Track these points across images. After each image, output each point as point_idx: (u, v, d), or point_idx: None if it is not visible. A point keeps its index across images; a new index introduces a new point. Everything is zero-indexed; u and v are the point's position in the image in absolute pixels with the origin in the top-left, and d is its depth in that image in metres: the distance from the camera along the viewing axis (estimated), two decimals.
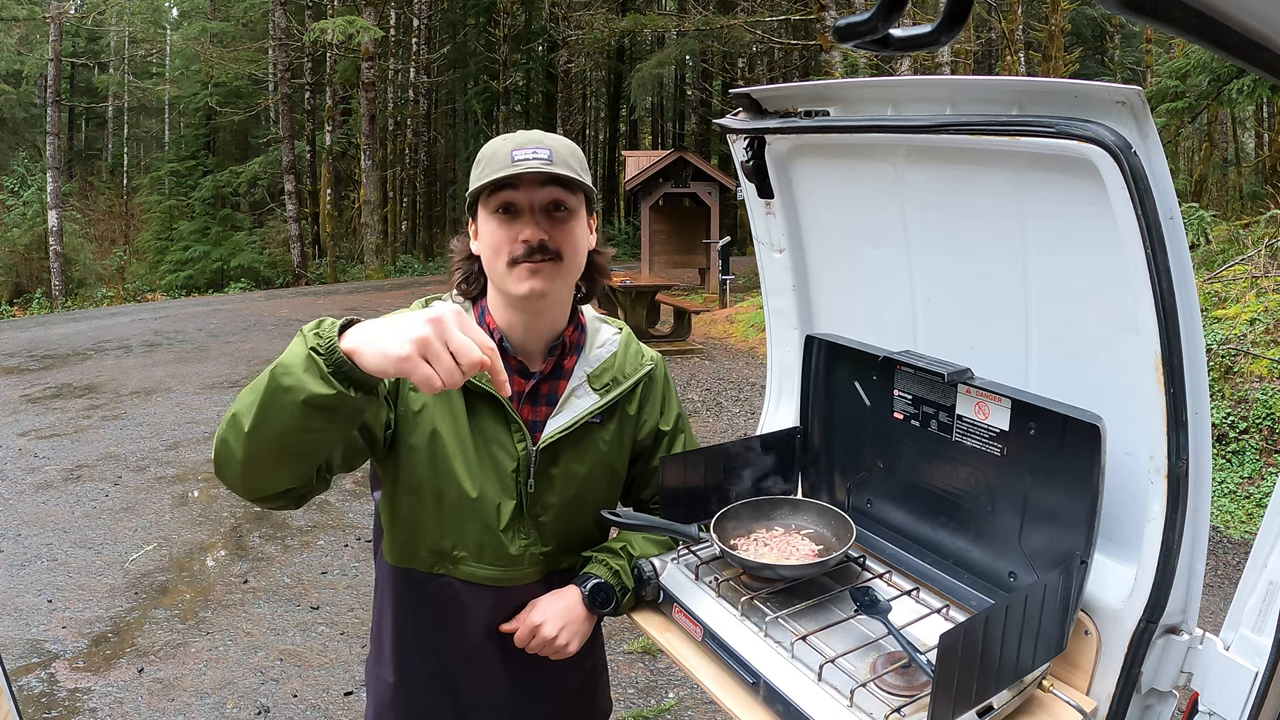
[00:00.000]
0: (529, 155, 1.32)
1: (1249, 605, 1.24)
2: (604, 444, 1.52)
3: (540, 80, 27.45)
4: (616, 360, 1.54)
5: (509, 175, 1.31)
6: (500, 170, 1.32)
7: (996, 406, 1.48)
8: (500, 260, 1.35)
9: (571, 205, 1.38)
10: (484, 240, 1.39)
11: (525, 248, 1.33)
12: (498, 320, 1.44)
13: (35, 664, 3.66)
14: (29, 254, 21.12)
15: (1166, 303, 1.18)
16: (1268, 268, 6.74)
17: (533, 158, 1.32)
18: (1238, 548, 4.76)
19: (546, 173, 1.31)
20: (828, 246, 1.93)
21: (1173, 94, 10.21)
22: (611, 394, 1.50)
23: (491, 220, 1.36)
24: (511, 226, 1.35)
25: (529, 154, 1.32)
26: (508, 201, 1.34)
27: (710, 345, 10.60)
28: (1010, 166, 1.42)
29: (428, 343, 1.01)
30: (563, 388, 1.47)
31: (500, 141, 1.38)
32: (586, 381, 1.48)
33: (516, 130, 1.48)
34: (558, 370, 1.47)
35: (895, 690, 1.32)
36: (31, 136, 23.84)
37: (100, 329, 13.01)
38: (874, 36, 0.41)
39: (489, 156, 1.36)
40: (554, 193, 1.35)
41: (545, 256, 1.34)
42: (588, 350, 1.51)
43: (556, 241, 1.35)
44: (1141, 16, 0.34)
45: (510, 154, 1.33)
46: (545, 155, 1.33)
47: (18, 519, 5.34)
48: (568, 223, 1.37)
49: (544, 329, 1.44)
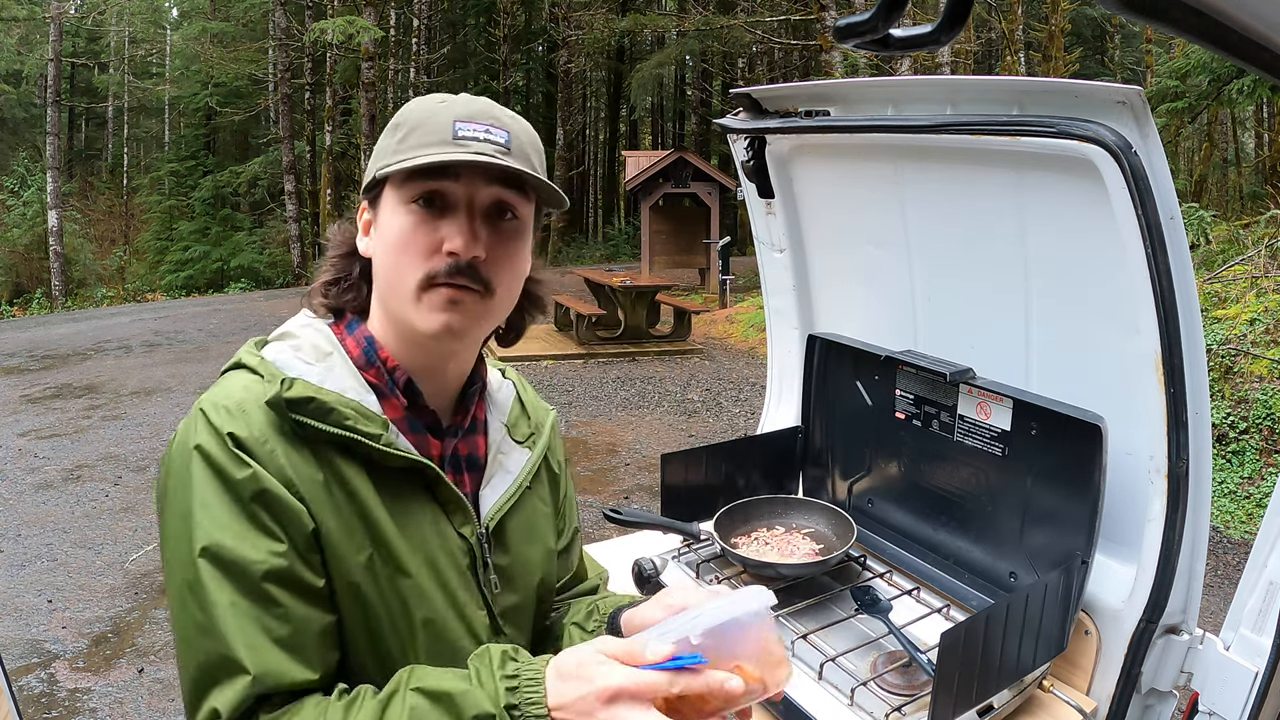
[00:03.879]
0: (480, 134, 0.93)
1: (1249, 605, 1.24)
2: (543, 513, 1.14)
3: (540, 80, 27.45)
4: (526, 403, 1.17)
5: (449, 160, 0.90)
6: (435, 148, 0.91)
7: (998, 406, 1.48)
8: (409, 275, 0.92)
9: (522, 215, 0.97)
10: (386, 240, 0.95)
11: (450, 263, 0.91)
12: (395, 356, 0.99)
13: (35, 664, 3.66)
14: (29, 254, 21.12)
15: (1166, 303, 1.18)
16: (1268, 268, 6.74)
17: (485, 138, 0.93)
18: (1238, 548, 4.76)
19: (501, 165, 0.91)
20: (828, 246, 1.93)
21: (1173, 94, 10.21)
22: (538, 446, 1.14)
23: (405, 214, 0.93)
24: (434, 228, 0.92)
25: (480, 132, 0.93)
26: (437, 192, 0.93)
27: (710, 345, 10.60)
28: (1010, 166, 1.42)
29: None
30: (482, 446, 1.07)
31: (435, 104, 0.96)
32: (507, 433, 1.10)
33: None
34: (472, 424, 1.07)
35: (896, 689, 1.32)
36: (31, 136, 23.84)
37: (100, 329, 13.01)
38: (874, 36, 0.41)
39: (416, 122, 0.95)
40: (504, 194, 0.94)
41: (473, 285, 0.92)
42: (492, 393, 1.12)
43: (492, 267, 0.94)
44: (1141, 16, 0.34)
45: (452, 125, 0.93)
46: (502, 139, 0.94)
47: (18, 519, 5.34)
48: (513, 240, 0.96)
49: (452, 373, 1.03)
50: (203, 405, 0.90)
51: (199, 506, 0.85)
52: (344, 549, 0.90)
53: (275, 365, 0.93)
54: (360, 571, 0.90)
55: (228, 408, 0.89)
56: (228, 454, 0.86)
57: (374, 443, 0.91)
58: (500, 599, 1.03)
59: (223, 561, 0.84)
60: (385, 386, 0.97)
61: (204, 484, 0.85)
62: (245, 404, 0.89)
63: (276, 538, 0.85)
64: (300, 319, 1.02)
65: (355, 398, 0.93)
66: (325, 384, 0.92)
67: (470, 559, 1.00)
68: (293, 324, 1.02)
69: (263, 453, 0.87)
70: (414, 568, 0.94)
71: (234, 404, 0.89)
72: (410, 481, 0.96)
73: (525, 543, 1.08)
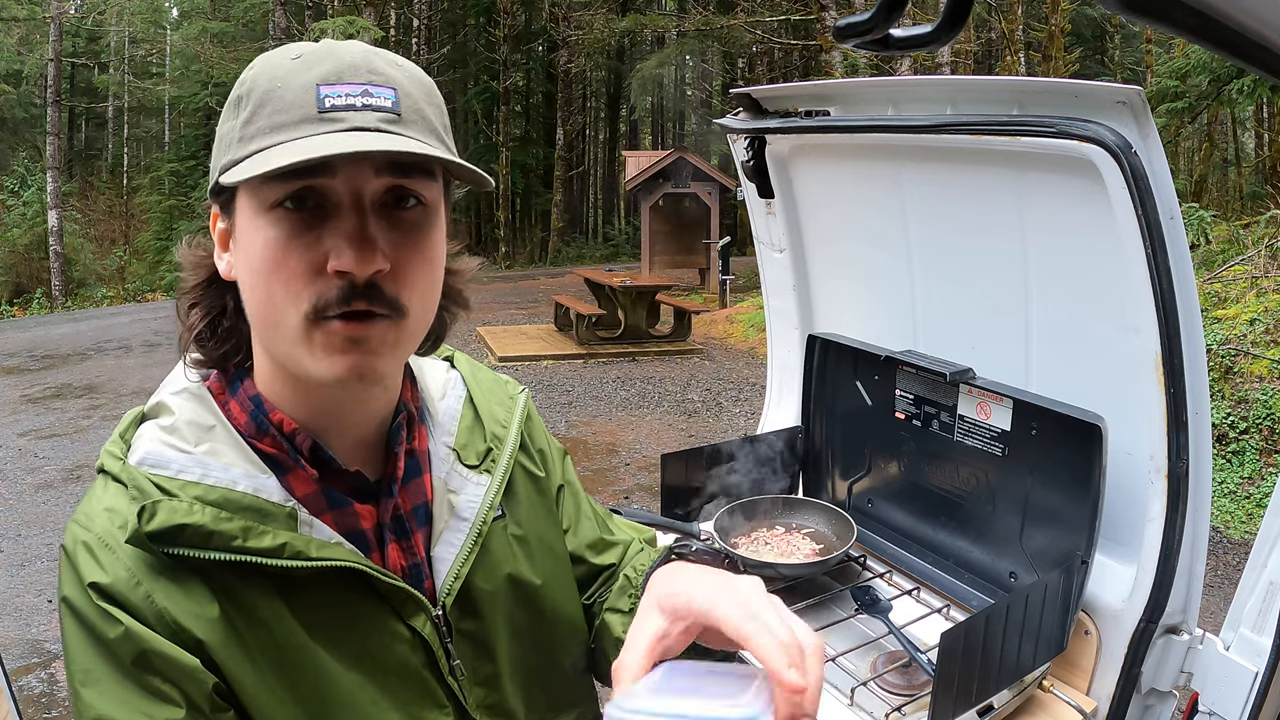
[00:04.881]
0: (355, 99, 0.66)
1: (1249, 605, 1.24)
2: (519, 539, 0.89)
3: (540, 80, 27.46)
4: (480, 406, 0.91)
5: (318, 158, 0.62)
6: (294, 130, 0.66)
7: (998, 406, 1.48)
8: (288, 308, 0.67)
9: (429, 198, 0.71)
10: (251, 260, 0.69)
11: (341, 287, 0.66)
12: (289, 412, 0.76)
13: (35, 664, 3.66)
14: (29, 254, 21.12)
15: (1166, 303, 1.18)
16: (1268, 268, 6.74)
17: (364, 104, 0.66)
18: (1238, 548, 4.76)
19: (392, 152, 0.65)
20: (828, 246, 1.93)
21: (1173, 94, 10.21)
22: (501, 460, 0.89)
23: (269, 223, 0.67)
24: (313, 239, 0.66)
25: (355, 96, 0.66)
26: (309, 189, 0.66)
27: (710, 345, 10.60)
28: (1010, 166, 1.42)
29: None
30: (428, 488, 0.83)
31: (288, 62, 0.68)
32: (456, 460, 0.86)
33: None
34: (411, 465, 0.82)
35: (896, 689, 1.32)
36: (31, 136, 23.85)
37: (100, 329, 13.02)
38: (874, 36, 0.41)
39: (265, 92, 0.67)
40: (401, 181, 0.69)
41: (378, 309, 0.68)
42: (431, 409, 0.88)
43: (399, 279, 0.69)
44: (1141, 16, 0.34)
45: (315, 92, 0.66)
46: (387, 100, 0.67)
47: (18, 519, 5.34)
48: (421, 233, 0.71)
49: (371, 416, 0.80)
50: (68, 538, 0.71)
51: (79, 673, 0.68)
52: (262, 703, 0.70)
53: (143, 467, 0.72)
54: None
55: (88, 544, 0.69)
56: (95, 609, 0.67)
57: (276, 559, 0.69)
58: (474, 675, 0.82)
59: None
60: (287, 457, 0.75)
61: (79, 648, 0.68)
62: (108, 537, 0.69)
63: (172, 702, 0.66)
64: (174, 381, 0.79)
65: (248, 488, 0.71)
66: (207, 478, 0.71)
67: (425, 653, 0.78)
68: (166, 391, 0.79)
69: (135, 600, 0.67)
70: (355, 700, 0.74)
71: (95, 539, 0.69)
72: (335, 584, 0.73)
73: (506, 592, 0.85)
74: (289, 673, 0.71)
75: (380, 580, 0.74)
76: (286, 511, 0.72)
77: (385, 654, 0.76)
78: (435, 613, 0.79)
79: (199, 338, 0.77)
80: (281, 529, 0.71)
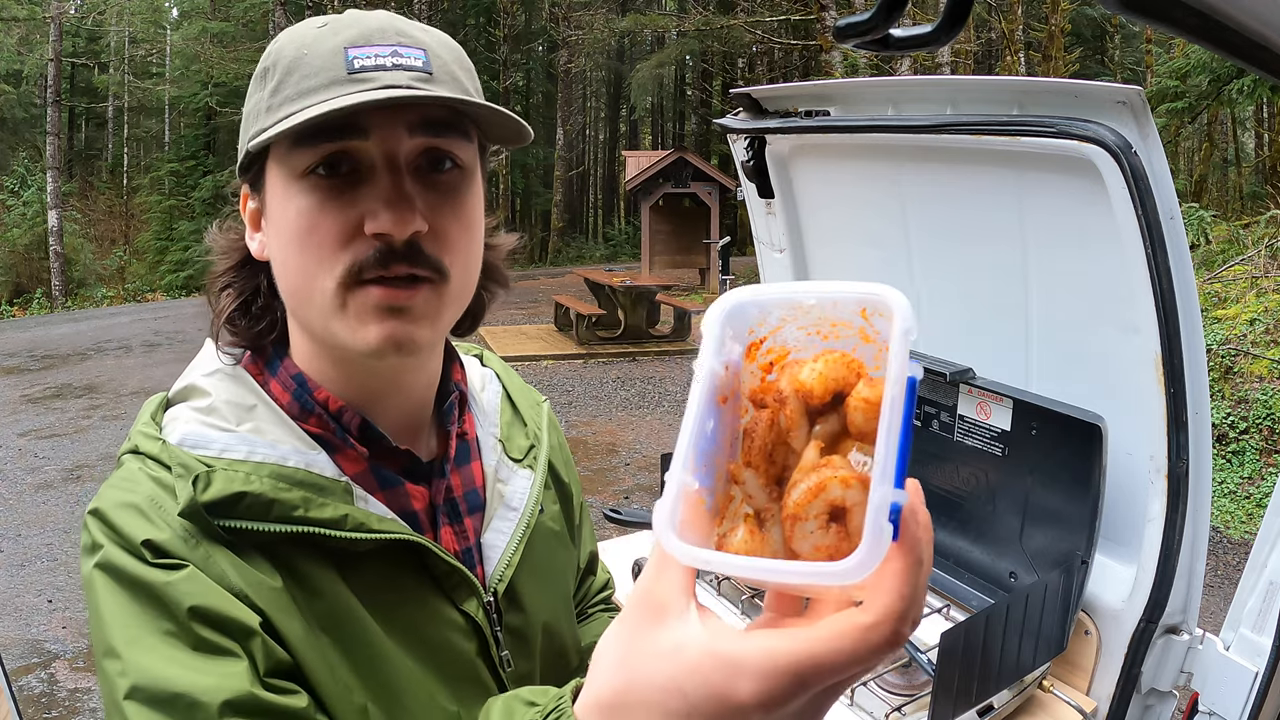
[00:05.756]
0: (385, 59, 0.65)
1: (1249, 605, 1.24)
2: (555, 542, 0.90)
3: (540, 80, 27.47)
4: (517, 402, 0.92)
5: (349, 105, 0.61)
6: (325, 91, 0.64)
7: (998, 406, 1.48)
8: (322, 275, 0.66)
9: (465, 160, 0.70)
10: (283, 232, 0.68)
11: (379, 250, 0.64)
12: (332, 389, 0.73)
13: (35, 664, 3.66)
14: (29, 254, 21.12)
15: (1166, 303, 1.18)
16: (1268, 268, 6.74)
17: (394, 64, 0.65)
18: (1238, 548, 4.76)
19: (423, 96, 0.64)
20: (828, 246, 1.93)
21: (1173, 94, 10.22)
22: (540, 460, 0.89)
23: (302, 191, 0.66)
24: (348, 203, 0.65)
25: (385, 56, 0.65)
26: (342, 153, 0.65)
27: None
28: (1010, 166, 1.42)
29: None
30: (479, 474, 0.82)
31: (314, 30, 0.67)
32: (503, 452, 0.85)
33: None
34: (463, 449, 0.81)
35: (895, 689, 1.32)
36: (31, 136, 23.86)
37: (100, 329, 13.02)
38: (874, 36, 0.41)
39: (292, 60, 0.66)
40: (436, 140, 0.67)
41: (419, 271, 0.66)
42: (476, 398, 0.87)
43: (440, 240, 0.67)
44: (1141, 16, 0.34)
45: (344, 54, 0.65)
46: (418, 60, 0.66)
47: (18, 519, 5.34)
48: (460, 196, 0.69)
49: (418, 391, 0.78)
50: (105, 502, 0.65)
51: (121, 638, 0.61)
52: (322, 678, 0.65)
53: (183, 447, 0.67)
54: (353, 715, 0.66)
55: (136, 505, 0.64)
56: (145, 566, 0.62)
57: (339, 530, 0.66)
58: (516, 670, 0.79)
59: (160, 700, 0.58)
60: (334, 436, 0.72)
61: (119, 611, 0.61)
62: (160, 500, 0.65)
63: (232, 655, 0.61)
64: (205, 363, 0.75)
65: (299, 463, 0.68)
66: (254, 455, 0.67)
67: (478, 640, 0.76)
68: (197, 373, 0.75)
69: (194, 559, 0.63)
70: (410, 684, 0.70)
71: (144, 499, 0.65)
72: (391, 560, 0.70)
73: (537, 591, 0.84)
74: (350, 650, 0.67)
75: (438, 560, 0.72)
76: (342, 486, 0.69)
77: (438, 638, 0.73)
78: (487, 598, 0.77)
79: (230, 319, 0.74)
80: (340, 502, 0.68)
